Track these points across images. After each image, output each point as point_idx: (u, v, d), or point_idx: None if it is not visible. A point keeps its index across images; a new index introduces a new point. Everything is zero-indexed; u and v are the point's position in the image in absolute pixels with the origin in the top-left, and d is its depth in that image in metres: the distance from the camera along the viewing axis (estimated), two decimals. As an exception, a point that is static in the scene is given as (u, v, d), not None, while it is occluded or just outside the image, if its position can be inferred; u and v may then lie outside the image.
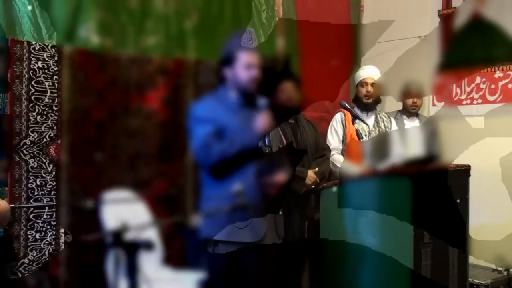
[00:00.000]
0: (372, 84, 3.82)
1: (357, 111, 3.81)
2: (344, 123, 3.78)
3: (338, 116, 3.85)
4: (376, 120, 3.83)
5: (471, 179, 3.39)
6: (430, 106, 4.45)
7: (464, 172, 3.36)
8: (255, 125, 2.73)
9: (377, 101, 3.88)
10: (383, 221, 3.06)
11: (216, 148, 2.71)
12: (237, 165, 2.72)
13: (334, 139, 3.81)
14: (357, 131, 3.64)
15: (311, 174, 3.53)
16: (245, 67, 2.81)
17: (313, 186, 3.55)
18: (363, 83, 3.84)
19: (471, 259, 3.46)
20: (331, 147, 3.77)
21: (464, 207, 3.32)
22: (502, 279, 3.81)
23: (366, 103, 3.82)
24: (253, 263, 2.74)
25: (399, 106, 4.16)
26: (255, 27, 3.98)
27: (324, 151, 3.69)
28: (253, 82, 2.82)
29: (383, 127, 3.83)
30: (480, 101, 4.19)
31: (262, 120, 2.74)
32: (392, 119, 3.96)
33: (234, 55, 2.82)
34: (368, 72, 3.87)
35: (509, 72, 4.03)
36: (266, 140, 2.91)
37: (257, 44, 3.01)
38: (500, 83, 4.06)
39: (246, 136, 2.72)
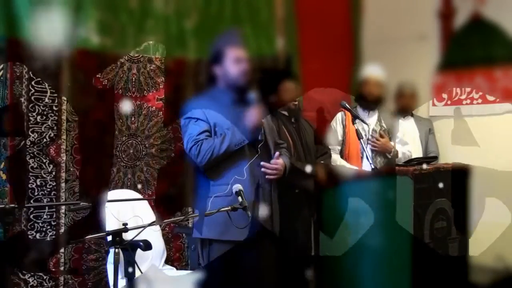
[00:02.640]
0: (375, 83, 3.80)
1: (359, 110, 3.81)
2: (344, 123, 3.77)
3: (339, 115, 3.84)
4: (379, 119, 3.81)
5: (471, 179, 3.38)
6: (430, 106, 4.44)
7: (464, 172, 3.36)
8: (246, 120, 2.74)
9: (380, 100, 3.86)
10: (383, 221, 3.06)
11: (207, 146, 2.73)
12: (228, 162, 2.73)
13: (332, 138, 3.80)
14: (357, 131, 3.62)
15: (321, 173, 3.53)
16: (234, 61, 2.83)
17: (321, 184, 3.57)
18: (366, 82, 3.82)
19: (471, 259, 3.46)
20: (329, 146, 3.78)
21: (464, 207, 3.32)
22: (502, 279, 3.81)
23: (369, 102, 3.80)
24: (248, 260, 2.74)
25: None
26: (254, 27, 3.98)
27: (325, 148, 3.70)
28: (244, 75, 2.83)
29: (386, 126, 3.82)
30: (480, 101, 4.18)
31: (253, 114, 2.74)
32: (397, 119, 3.94)
33: (222, 52, 2.84)
34: (371, 71, 3.85)
35: (509, 72, 4.02)
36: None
37: (245, 41, 3.01)
38: (500, 83, 4.05)
39: (237, 133, 2.73)
